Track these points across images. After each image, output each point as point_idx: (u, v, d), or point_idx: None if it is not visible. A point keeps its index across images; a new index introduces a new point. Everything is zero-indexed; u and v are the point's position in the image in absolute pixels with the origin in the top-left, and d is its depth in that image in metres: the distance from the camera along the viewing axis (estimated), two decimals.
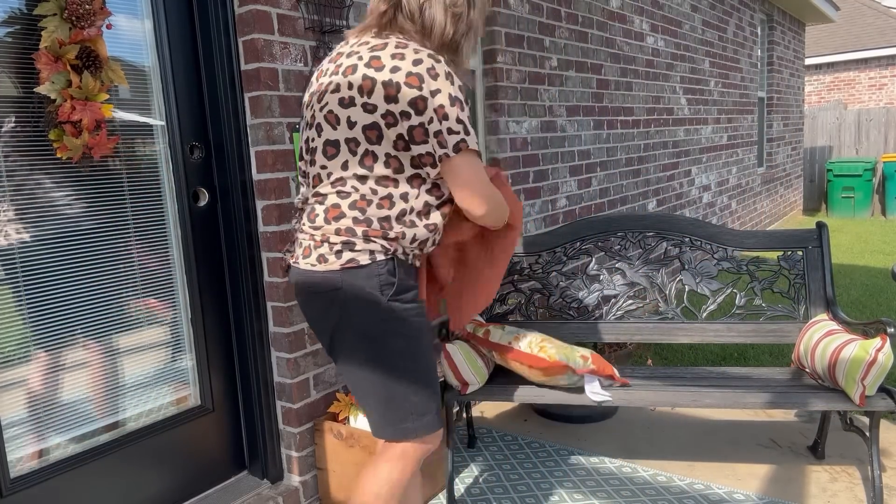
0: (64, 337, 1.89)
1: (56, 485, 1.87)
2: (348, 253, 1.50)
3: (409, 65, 1.45)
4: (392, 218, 1.52)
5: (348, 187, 1.51)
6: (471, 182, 1.54)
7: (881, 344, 2.05)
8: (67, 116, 1.73)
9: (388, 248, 1.52)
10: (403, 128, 1.46)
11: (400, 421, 1.57)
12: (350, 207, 1.51)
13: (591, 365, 2.31)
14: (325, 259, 1.52)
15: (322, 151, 1.54)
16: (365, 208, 1.51)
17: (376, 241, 1.51)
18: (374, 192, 1.51)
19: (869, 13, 14.05)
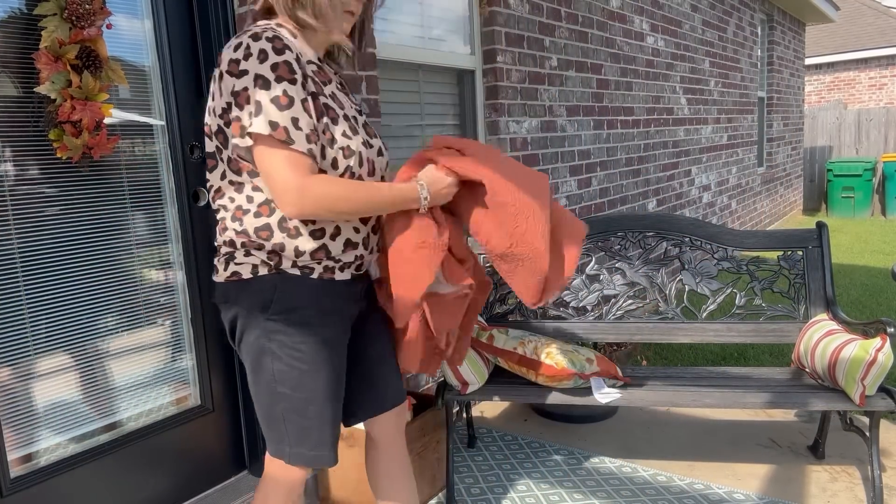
0: (64, 337, 1.89)
1: (56, 485, 1.87)
2: (232, 266, 1.45)
3: (230, 52, 1.35)
4: (272, 226, 1.41)
5: (226, 199, 1.45)
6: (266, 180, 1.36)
7: (881, 344, 2.05)
8: (67, 116, 1.73)
9: (269, 262, 1.43)
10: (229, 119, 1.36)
11: (277, 441, 1.50)
12: (232, 220, 1.44)
13: (597, 367, 2.32)
14: (216, 270, 1.49)
15: (207, 167, 1.49)
16: (242, 218, 1.42)
17: (256, 254, 1.42)
18: (251, 200, 1.42)
19: (869, 13, 14.06)
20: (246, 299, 1.44)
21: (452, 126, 3.26)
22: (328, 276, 1.47)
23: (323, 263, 1.46)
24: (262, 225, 1.41)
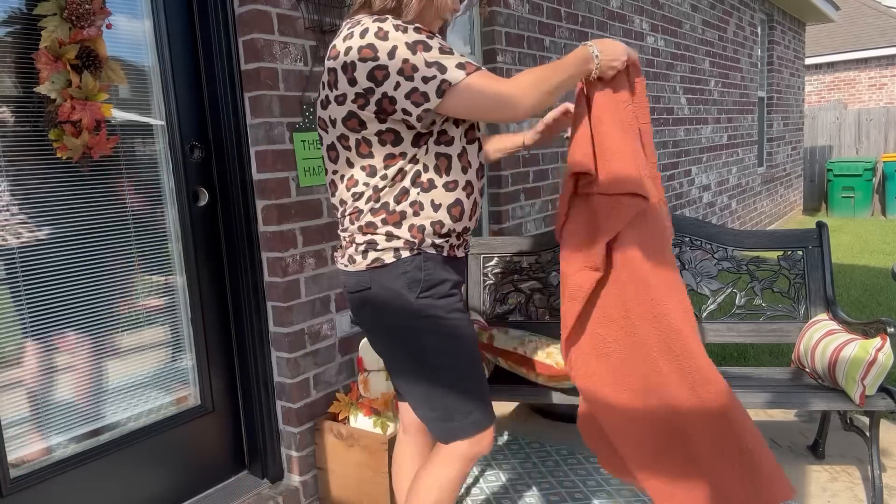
0: (64, 337, 1.89)
1: (56, 485, 1.87)
2: (373, 253, 1.47)
3: (357, 39, 1.38)
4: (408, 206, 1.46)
5: (360, 186, 1.47)
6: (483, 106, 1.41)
7: (881, 344, 2.05)
8: (67, 116, 1.73)
9: (413, 240, 1.47)
10: (374, 104, 1.39)
11: (446, 420, 1.54)
12: (366, 203, 1.47)
13: None
14: (353, 260, 1.50)
15: (328, 158, 1.53)
16: (379, 199, 1.46)
17: (399, 237, 1.46)
18: (385, 178, 1.45)
19: (869, 13, 14.05)
20: (393, 283, 1.47)
21: None
22: (451, 253, 1.55)
23: (449, 241, 1.53)
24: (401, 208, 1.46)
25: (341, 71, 1.40)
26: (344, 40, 1.40)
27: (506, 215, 3.40)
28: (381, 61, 1.36)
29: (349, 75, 1.39)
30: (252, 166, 2.21)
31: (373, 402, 2.28)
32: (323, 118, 1.49)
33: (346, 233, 1.52)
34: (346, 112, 1.43)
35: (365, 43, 1.37)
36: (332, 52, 1.42)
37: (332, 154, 1.50)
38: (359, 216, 1.48)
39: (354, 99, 1.40)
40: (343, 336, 2.45)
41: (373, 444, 2.19)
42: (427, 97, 1.37)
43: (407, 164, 1.45)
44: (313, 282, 2.32)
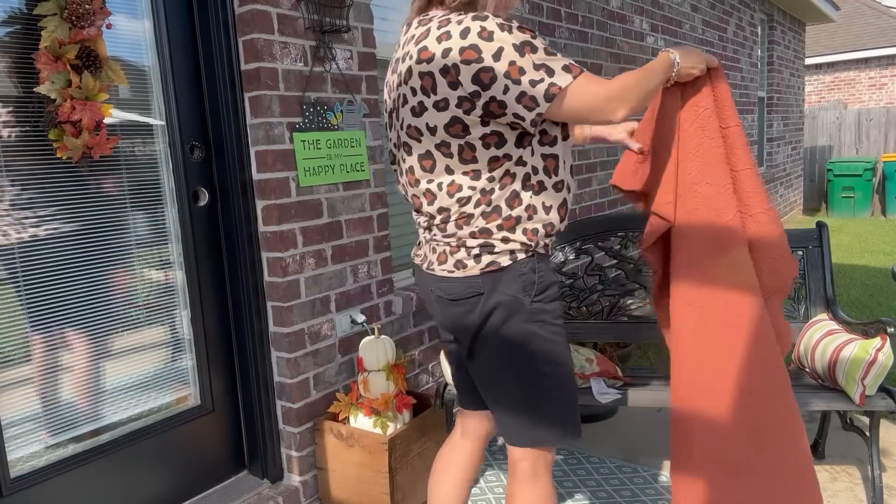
0: (64, 337, 1.89)
1: (56, 485, 1.87)
2: (487, 256, 1.43)
3: (457, 40, 1.31)
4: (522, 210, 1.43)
5: (465, 190, 1.41)
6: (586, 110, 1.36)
7: (881, 344, 2.05)
8: (67, 116, 1.73)
9: (529, 243, 1.44)
10: (480, 107, 1.33)
11: (535, 427, 1.51)
12: (476, 207, 1.41)
13: (597, 367, 2.32)
14: (463, 265, 1.45)
15: (420, 168, 1.45)
16: (490, 202, 1.41)
17: (514, 240, 1.43)
18: (492, 181, 1.40)
19: (869, 13, 14.05)
20: (509, 286, 1.43)
21: None
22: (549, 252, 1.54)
23: (551, 239, 1.52)
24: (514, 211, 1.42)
25: (440, 74, 1.33)
26: (439, 41, 1.33)
27: None
28: (485, 63, 1.30)
29: (451, 79, 1.32)
30: (252, 166, 2.21)
31: (373, 402, 2.28)
32: (416, 126, 1.42)
33: (452, 238, 1.46)
34: (448, 118, 1.36)
35: (467, 44, 1.30)
36: (423, 55, 1.35)
37: (427, 163, 1.44)
38: (469, 221, 1.43)
39: (458, 104, 1.34)
40: (343, 336, 2.45)
41: (373, 444, 2.19)
42: (536, 101, 1.32)
43: (513, 166, 1.41)
44: (313, 282, 2.32)
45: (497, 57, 1.29)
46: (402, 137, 1.48)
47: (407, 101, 1.42)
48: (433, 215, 1.48)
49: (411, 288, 2.85)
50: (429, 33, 1.36)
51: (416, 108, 1.40)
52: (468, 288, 1.45)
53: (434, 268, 1.50)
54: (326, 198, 2.35)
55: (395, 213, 2.91)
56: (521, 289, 1.44)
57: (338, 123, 2.38)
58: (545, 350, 1.47)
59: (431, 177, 1.45)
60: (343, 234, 2.43)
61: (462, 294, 1.46)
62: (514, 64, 1.30)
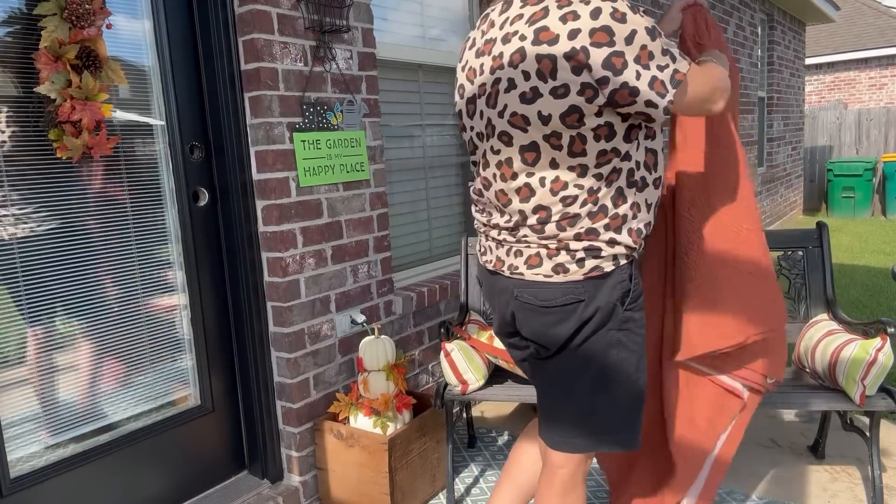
0: (64, 337, 1.89)
1: (56, 485, 1.87)
2: (592, 261, 1.34)
3: (587, 21, 1.20)
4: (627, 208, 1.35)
5: (571, 188, 1.31)
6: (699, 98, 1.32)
7: (881, 344, 2.05)
8: (67, 116, 1.73)
9: (633, 246, 1.38)
10: (605, 95, 1.23)
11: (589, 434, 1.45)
12: (581, 206, 1.32)
13: None
14: (564, 269, 1.35)
15: (521, 160, 1.34)
16: (597, 201, 1.32)
17: (620, 242, 1.35)
18: (599, 178, 1.31)
19: (869, 13, 14.05)
20: (607, 293, 1.36)
21: (452, 126, 3.26)
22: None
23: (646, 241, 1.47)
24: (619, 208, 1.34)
25: (563, 58, 1.21)
26: (564, 21, 1.21)
27: None
28: (617, 47, 1.19)
29: (575, 63, 1.21)
30: (252, 166, 2.21)
31: (373, 402, 2.28)
32: (523, 115, 1.29)
33: (552, 240, 1.35)
34: (566, 106, 1.24)
35: (598, 25, 1.20)
36: (542, 36, 1.23)
37: (530, 156, 1.32)
38: (574, 221, 1.33)
39: (581, 91, 1.22)
40: (343, 336, 2.45)
41: (373, 444, 2.19)
42: (666, 87, 1.24)
43: (619, 162, 1.32)
44: (313, 282, 2.32)
45: (630, 40, 1.20)
46: (497, 126, 1.35)
47: (515, 85, 1.28)
48: (526, 214, 1.37)
49: (411, 288, 2.85)
50: (547, 13, 1.24)
51: (528, 95, 1.27)
52: (566, 294, 1.36)
53: (522, 272, 1.39)
54: (326, 198, 2.35)
55: (395, 213, 2.91)
56: (619, 296, 1.37)
57: (338, 123, 2.38)
58: (624, 359, 1.41)
59: (532, 170, 1.33)
60: (343, 234, 2.43)
61: (558, 301, 1.36)
62: (645, 48, 1.21)
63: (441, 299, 2.93)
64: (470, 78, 1.41)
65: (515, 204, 1.38)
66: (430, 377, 3.00)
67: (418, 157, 3.06)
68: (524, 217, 1.38)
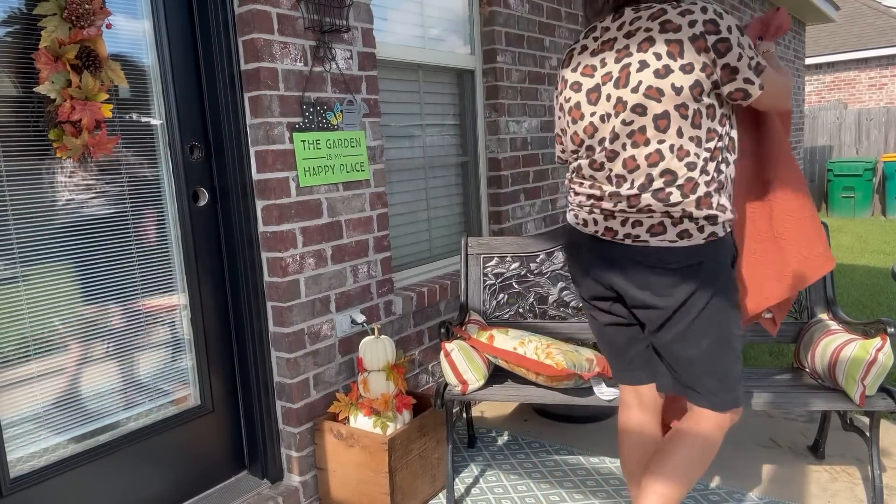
0: (64, 337, 1.89)
1: (56, 485, 1.87)
2: (710, 227, 1.55)
3: (699, 15, 1.52)
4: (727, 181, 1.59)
5: (692, 156, 1.53)
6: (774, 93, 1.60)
7: (881, 344, 2.05)
8: (67, 116, 1.73)
9: (732, 216, 1.59)
10: (716, 74, 1.51)
11: (733, 389, 1.65)
12: (700, 174, 1.54)
13: (597, 367, 2.32)
14: (688, 234, 1.55)
15: (654, 127, 1.55)
16: (709, 171, 1.54)
17: (727, 208, 1.57)
18: (708, 151, 1.54)
19: (869, 13, 14.05)
20: (723, 255, 1.59)
21: (452, 126, 3.26)
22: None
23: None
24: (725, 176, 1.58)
25: (688, 41, 1.50)
26: (682, 15, 1.52)
27: (506, 215, 3.40)
28: (722, 35, 1.49)
29: (698, 46, 1.50)
30: (252, 166, 2.21)
31: (373, 402, 2.28)
32: (657, 87, 1.53)
33: (675, 208, 1.55)
34: (692, 80, 1.51)
35: (707, 18, 1.50)
36: (668, 26, 1.52)
37: (663, 123, 1.54)
38: (694, 188, 1.53)
39: (703, 68, 1.50)
40: (343, 336, 2.45)
41: (373, 444, 2.19)
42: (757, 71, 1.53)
43: (717, 141, 1.56)
44: (313, 282, 2.32)
45: (730, 31, 1.50)
46: (630, 101, 1.56)
47: (648, 65, 1.54)
48: (653, 178, 1.56)
49: (411, 288, 2.85)
50: (665, 11, 1.54)
51: (661, 71, 1.52)
52: (690, 257, 1.56)
53: (646, 239, 1.59)
54: (326, 198, 2.35)
55: (395, 213, 2.91)
56: (729, 259, 1.61)
57: (338, 123, 2.38)
58: (735, 316, 1.63)
59: (664, 137, 1.54)
60: (343, 234, 2.43)
61: (683, 262, 1.57)
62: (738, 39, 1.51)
63: (441, 299, 2.93)
64: (587, 73, 1.65)
65: (643, 168, 1.57)
66: (430, 377, 3.00)
67: (418, 157, 3.06)
68: (650, 181, 1.57)
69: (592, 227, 1.70)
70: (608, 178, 1.63)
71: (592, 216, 1.69)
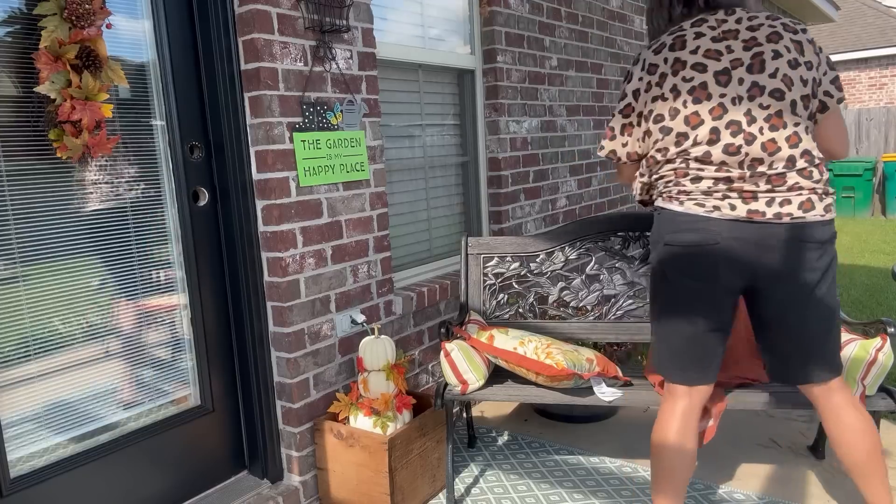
0: (64, 337, 1.89)
1: (56, 485, 1.87)
2: (833, 207, 1.72)
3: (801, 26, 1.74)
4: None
5: (806, 143, 1.69)
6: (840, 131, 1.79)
7: (881, 344, 2.05)
8: (67, 116, 1.73)
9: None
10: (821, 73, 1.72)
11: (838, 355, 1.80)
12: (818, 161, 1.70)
13: (597, 367, 2.32)
14: (830, 209, 1.70)
15: (790, 112, 1.67)
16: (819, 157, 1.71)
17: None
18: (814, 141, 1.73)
19: (869, 13, 14.05)
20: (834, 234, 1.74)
21: (452, 126, 3.26)
22: None
23: None
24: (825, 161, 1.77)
25: (807, 43, 1.70)
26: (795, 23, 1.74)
27: (506, 215, 3.40)
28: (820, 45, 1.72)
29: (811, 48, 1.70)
30: (252, 166, 2.21)
31: (373, 402, 2.28)
32: (790, 76, 1.68)
33: (819, 184, 1.69)
34: (811, 77, 1.69)
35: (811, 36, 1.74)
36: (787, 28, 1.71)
37: (795, 108, 1.68)
38: (822, 167, 1.70)
39: (817, 66, 1.71)
40: (343, 336, 2.45)
41: (373, 444, 2.19)
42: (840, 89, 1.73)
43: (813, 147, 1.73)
44: (313, 282, 2.32)
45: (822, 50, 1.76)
46: (768, 86, 1.68)
47: (781, 55, 1.69)
48: (795, 158, 1.68)
49: (411, 288, 2.85)
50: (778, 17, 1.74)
51: (793, 63, 1.68)
52: (831, 230, 1.72)
53: (802, 216, 1.68)
54: (326, 198, 2.35)
55: (395, 213, 2.91)
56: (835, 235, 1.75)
57: (338, 123, 2.38)
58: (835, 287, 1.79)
59: (798, 120, 1.68)
60: (343, 234, 2.43)
61: (827, 235, 1.71)
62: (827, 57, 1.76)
63: (441, 299, 2.93)
64: (712, 56, 1.73)
65: (785, 150, 1.67)
66: (430, 377, 3.00)
67: (418, 157, 3.06)
68: (793, 161, 1.68)
69: (730, 212, 1.70)
70: (745, 161, 1.69)
71: (728, 201, 1.71)
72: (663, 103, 1.75)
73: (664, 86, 1.75)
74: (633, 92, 1.84)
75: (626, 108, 1.86)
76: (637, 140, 1.86)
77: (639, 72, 1.82)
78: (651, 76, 1.78)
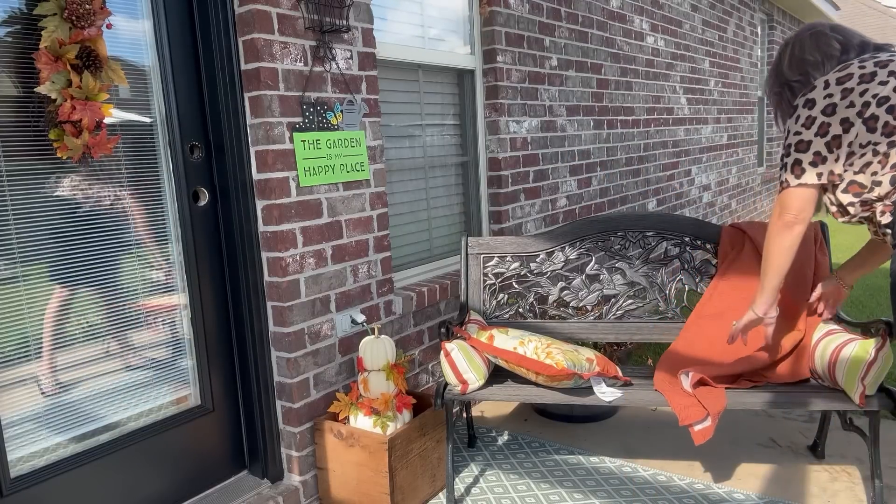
0: (64, 337, 1.89)
1: (56, 485, 1.87)
2: None
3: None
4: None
5: None
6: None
7: (881, 343, 2.05)
8: (67, 116, 1.73)
9: None
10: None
11: None
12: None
13: (597, 367, 2.32)
14: None
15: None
16: None
17: None
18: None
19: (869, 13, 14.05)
20: None
21: (452, 126, 3.26)
22: None
23: None
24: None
25: None
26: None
27: (506, 215, 3.40)
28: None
29: None
30: (252, 166, 2.21)
31: (373, 402, 2.28)
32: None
33: None
34: None
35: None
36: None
37: None
38: None
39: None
40: (343, 336, 2.45)
41: (373, 444, 2.19)
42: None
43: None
44: (313, 282, 2.32)
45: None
46: None
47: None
48: None
49: (411, 287, 2.85)
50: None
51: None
52: None
53: None
54: (326, 198, 2.36)
55: (395, 213, 2.91)
56: None
57: (338, 123, 2.38)
58: None
59: None
60: (343, 234, 2.43)
61: None
62: None
63: (441, 299, 2.93)
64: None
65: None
66: (430, 377, 3.00)
67: (418, 157, 3.06)
68: None
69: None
70: None
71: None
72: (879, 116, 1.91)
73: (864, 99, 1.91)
74: None
75: None
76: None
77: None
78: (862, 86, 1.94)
